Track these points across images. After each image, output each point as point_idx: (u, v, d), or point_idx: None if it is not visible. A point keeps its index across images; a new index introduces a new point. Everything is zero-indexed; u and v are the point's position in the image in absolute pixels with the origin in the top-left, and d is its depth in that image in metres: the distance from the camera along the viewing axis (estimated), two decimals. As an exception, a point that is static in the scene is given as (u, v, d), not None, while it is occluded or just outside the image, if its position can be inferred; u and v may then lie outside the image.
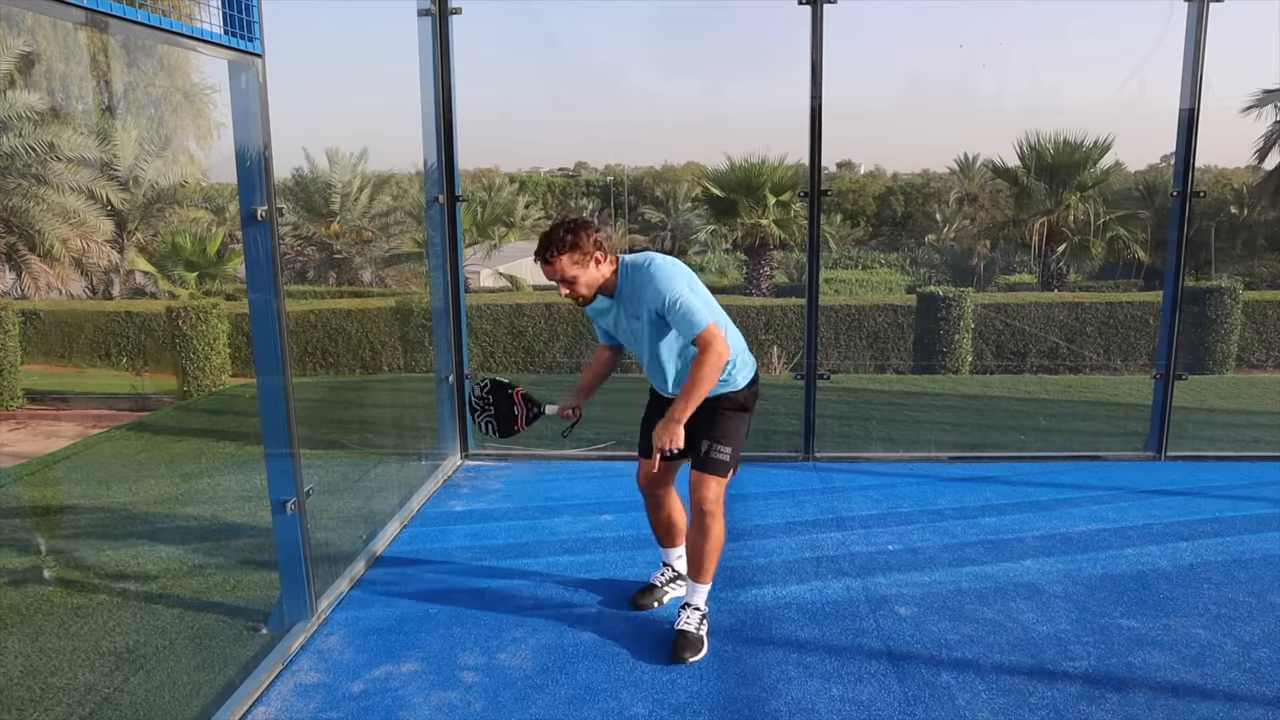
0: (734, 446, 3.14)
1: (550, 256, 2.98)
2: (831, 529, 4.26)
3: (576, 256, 2.99)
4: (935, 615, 3.42)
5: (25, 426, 14.37)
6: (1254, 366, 17.89)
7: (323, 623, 3.41)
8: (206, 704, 2.91)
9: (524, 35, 39.32)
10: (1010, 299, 18.69)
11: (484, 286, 24.13)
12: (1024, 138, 23.47)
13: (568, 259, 2.99)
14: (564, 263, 2.99)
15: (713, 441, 3.12)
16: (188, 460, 6.53)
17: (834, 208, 34.53)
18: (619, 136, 58.60)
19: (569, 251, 2.99)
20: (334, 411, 8.65)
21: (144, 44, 19.72)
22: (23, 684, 3.18)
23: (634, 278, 3.06)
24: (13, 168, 18.55)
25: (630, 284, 3.07)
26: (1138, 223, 23.47)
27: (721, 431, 3.13)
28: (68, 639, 3.51)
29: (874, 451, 5.53)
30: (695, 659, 3.13)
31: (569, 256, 2.99)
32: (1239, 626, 3.32)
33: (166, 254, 21.03)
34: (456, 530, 4.32)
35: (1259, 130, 22.71)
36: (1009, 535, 4.17)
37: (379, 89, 8.26)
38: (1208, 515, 4.39)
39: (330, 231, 24.24)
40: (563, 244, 2.98)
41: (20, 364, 16.16)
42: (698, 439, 3.14)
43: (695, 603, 3.24)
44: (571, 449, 5.54)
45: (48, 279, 18.83)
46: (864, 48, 45.57)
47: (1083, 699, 2.88)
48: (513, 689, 2.97)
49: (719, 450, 3.11)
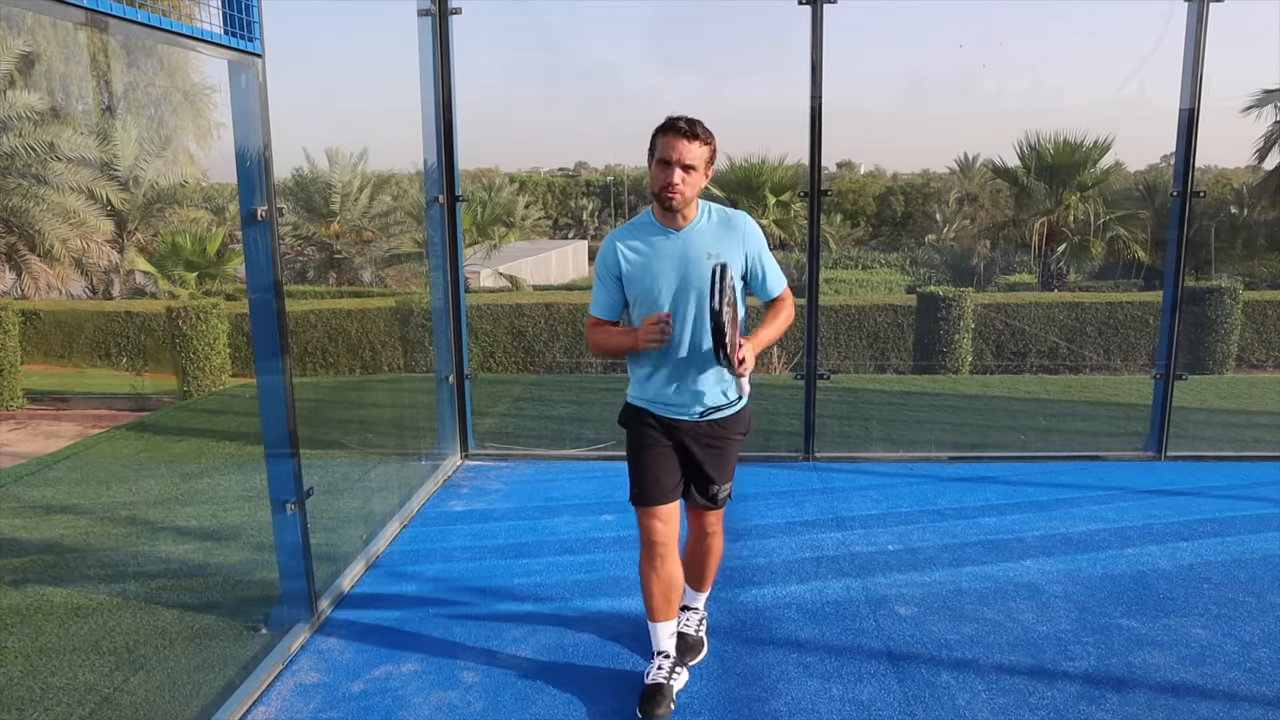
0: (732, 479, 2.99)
1: (698, 131, 2.63)
2: (831, 529, 4.26)
3: (710, 152, 2.68)
4: (935, 615, 3.42)
5: (25, 426, 14.37)
6: (1254, 366, 17.89)
7: (323, 623, 3.41)
8: (206, 704, 2.91)
9: (524, 35, 39.33)
10: (1010, 299, 18.68)
11: (484, 286, 24.12)
12: (1024, 138, 23.50)
13: (706, 150, 2.66)
14: (700, 151, 2.64)
15: (722, 483, 2.92)
16: (188, 460, 6.53)
17: (834, 208, 34.54)
18: (619, 136, 58.55)
19: (710, 144, 2.67)
20: (334, 411, 8.65)
21: (144, 44, 19.72)
22: (23, 684, 3.18)
23: (725, 212, 2.79)
24: (13, 168, 18.55)
25: (723, 217, 2.78)
26: (1138, 223, 23.48)
27: (727, 469, 2.92)
28: (68, 639, 3.51)
29: (874, 451, 5.53)
30: (695, 661, 3.13)
31: (708, 149, 2.67)
32: (1239, 626, 3.32)
33: (166, 254, 21.03)
34: (456, 530, 4.32)
35: (1259, 130, 22.75)
36: (1009, 535, 4.17)
37: (379, 89, 8.25)
38: (1208, 515, 4.38)
39: (330, 231, 24.24)
40: (708, 132, 2.66)
41: (20, 364, 16.16)
42: (704, 477, 2.89)
43: (695, 605, 3.26)
44: (571, 449, 5.54)
45: (48, 279, 18.84)
46: (864, 48, 45.58)
47: (1083, 699, 2.88)
48: (513, 689, 2.97)
49: (726, 490, 2.96)
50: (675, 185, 2.63)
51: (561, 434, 7.15)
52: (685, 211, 2.72)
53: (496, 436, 5.87)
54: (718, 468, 2.88)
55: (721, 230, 2.76)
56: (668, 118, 2.67)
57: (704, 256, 2.70)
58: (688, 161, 2.62)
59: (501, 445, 5.58)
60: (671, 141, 2.62)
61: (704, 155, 2.66)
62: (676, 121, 2.64)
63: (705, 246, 2.72)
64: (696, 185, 2.67)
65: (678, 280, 2.72)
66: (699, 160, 2.64)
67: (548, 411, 8.14)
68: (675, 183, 2.63)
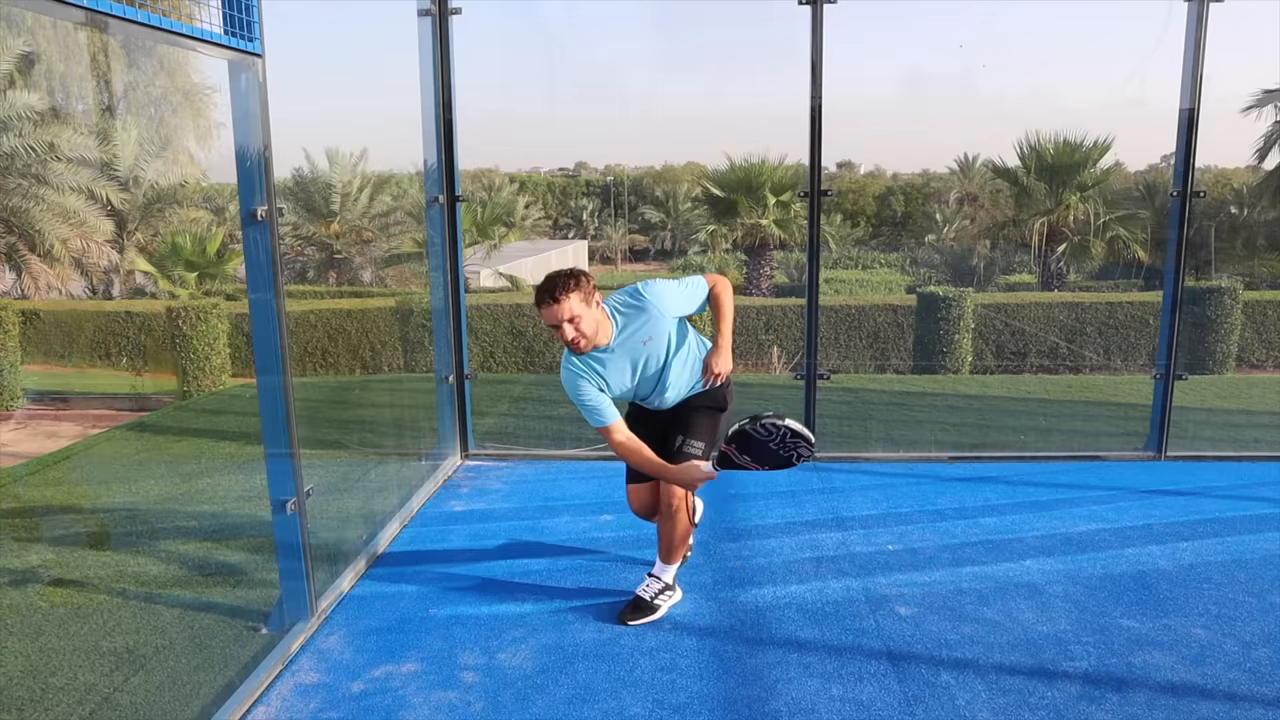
0: (706, 443, 3.26)
1: (559, 294, 2.99)
2: (831, 529, 4.26)
3: (581, 295, 3.03)
4: (935, 615, 3.42)
5: (25, 426, 14.37)
6: (1254, 366, 17.89)
7: (323, 623, 3.41)
8: (206, 704, 2.91)
9: (524, 35, 39.24)
10: (1010, 299, 18.69)
11: (484, 286, 24.12)
12: (1024, 138, 23.47)
13: (576, 296, 3.01)
14: (572, 301, 3.00)
15: (686, 437, 3.25)
16: (188, 460, 6.53)
17: (834, 208, 34.52)
18: (619, 136, 58.57)
19: (576, 290, 3.02)
20: (334, 411, 8.66)
21: (144, 44, 19.72)
22: (23, 684, 3.18)
23: (634, 305, 3.16)
24: (13, 168, 18.55)
25: (633, 313, 3.16)
26: (1138, 223, 23.47)
27: (697, 429, 3.26)
28: (68, 639, 3.51)
29: (874, 451, 5.53)
30: (640, 622, 3.32)
31: (577, 295, 3.02)
32: (1239, 626, 3.32)
33: (166, 254, 21.02)
34: (456, 530, 4.32)
35: (1259, 130, 22.72)
36: (1009, 535, 4.17)
37: (379, 89, 8.25)
38: (1208, 515, 4.38)
39: (330, 231, 24.24)
40: (568, 283, 3.01)
41: (20, 364, 16.15)
42: (672, 434, 3.27)
43: (659, 575, 3.46)
44: (571, 449, 5.54)
45: (48, 279, 18.83)
46: (864, 48, 45.53)
47: (1083, 699, 2.88)
48: (513, 689, 2.97)
49: (691, 445, 3.24)
50: (573, 340, 3.05)
51: (561, 434, 7.15)
52: (600, 335, 3.12)
53: (496, 436, 5.87)
54: (679, 424, 3.29)
55: (639, 323, 3.15)
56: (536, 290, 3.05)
57: (640, 345, 3.16)
58: (570, 316, 3.01)
59: (501, 445, 5.58)
60: (548, 311, 3.02)
61: (577, 300, 3.01)
62: (541, 294, 3.02)
63: (637, 339, 3.16)
64: (591, 320, 3.05)
65: (635, 369, 3.21)
66: (578, 308, 3.01)
67: (548, 411, 8.14)
68: (571, 338, 3.05)
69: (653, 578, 3.48)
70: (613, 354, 3.17)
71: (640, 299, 3.15)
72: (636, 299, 3.15)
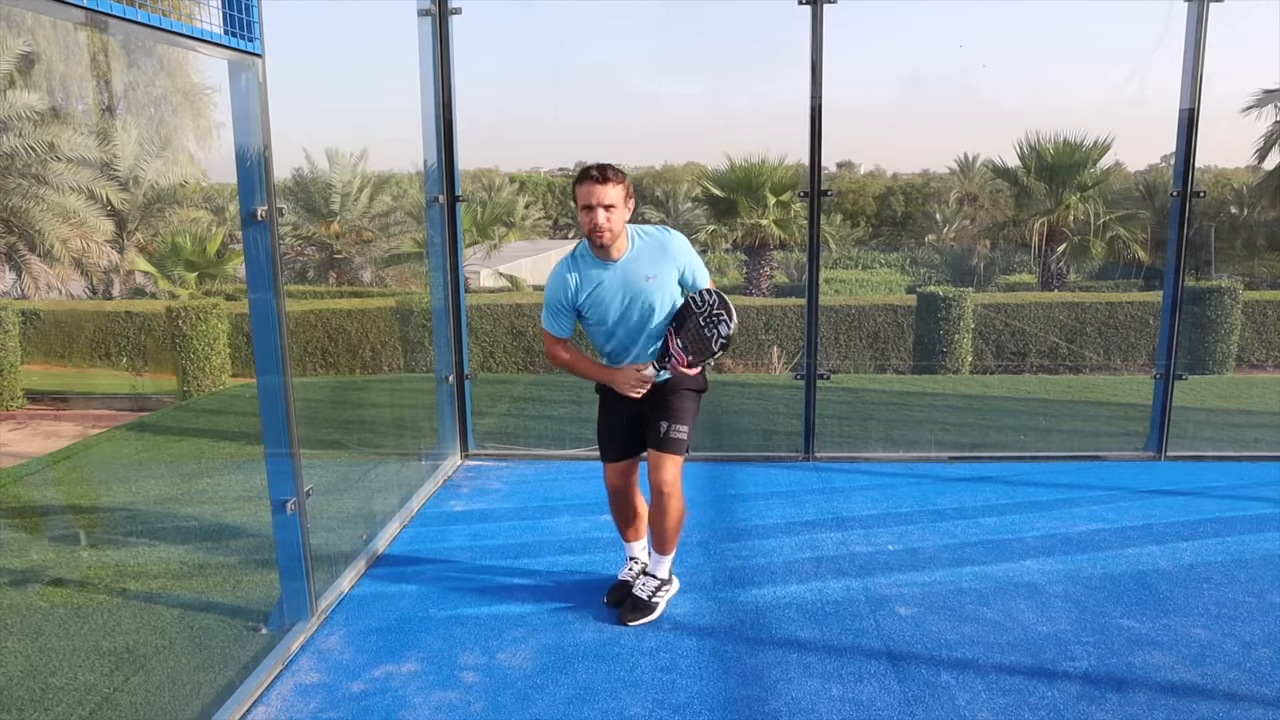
0: (690, 426, 3.30)
1: (609, 175, 3.00)
2: (831, 529, 4.26)
3: (625, 191, 3.05)
4: (935, 615, 3.42)
5: (25, 426, 14.37)
6: (1254, 366, 17.89)
7: (323, 623, 3.41)
8: (206, 704, 2.91)
9: (524, 35, 39.22)
10: (1010, 299, 18.69)
11: (484, 286, 24.11)
12: (1024, 138, 23.46)
13: (620, 189, 3.02)
14: (617, 190, 3.01)
15: (672, 422, 3.26)
16: (188, 460, 6.53)
17: (834, 208, 34.51)
18: (619, 136, 58.49)
19: (622, 183, 3.03)
20: (334, 411, 8.65)
21: (144, 44, 19.73)
22: (23, 684, 3.18)
23: (658, 236, 3.18)
24: (13, 168, 18.56)
25: (654, 242, 3.16)
26: (1138, 223, 23.46)
27: (681, 412, 3.27)
28: (68, 639, 3.51)
29: (874, 451, 5.53)
30: (639, 623, 3.31)
31: (621, 187, 3.03)
32: (1239, 626, 3.32)
33: (166, 254, 21.02)
34: (456, 530, 4.32)
35: (1259, 130, 22.72)
36: (1009, 535, 4.17)
37: (379, 89, 8.26)
38: (1208, 515, 4.38)
39: (330, 231, 24.24)
40: (619, 173, 3.03)
41: (20, 364, 16.16)
42: (657, 420, 3.27)
43: (655, 572, 3.45)
44: (571, 449, 5.54)
45: (48, 279, 18.84)
46: (864, 48, 45.51)
47: (1083, 699, 2.88)
48: (513, 689, 2.97)
49: (678, 430, 3.26)
50: (601, 225, 3.01)
51: (561, 434, 7.15)
52: (617, 244, 3.11)
53: (496, 436, 5.87)
54: (664, 409, 3.27)
55: (654, 253, 3.15)
56: (582, 169, 3.05)
57: (643, 279, 3.14)
58: (607, 202, 3.00)
59: (501, 445, 5.58)
60: (589, 189, 3.01)
61: (620, 193, 3.03)
62: (589, 170, 3.03)
63: (642, 270, 3.14)
64: (620, 219, 3.06)
65: (624, 303, 3.16)
66: (617, 199, 3.02)
67: (548, 411, 8.14)
68: (600, 223, 3.01)
69: (648, 576, 3.49)
70: (613, 272, 3.14)
71: (665, 234, 3.18)
72: (662, 233, 3.17)
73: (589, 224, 3.03)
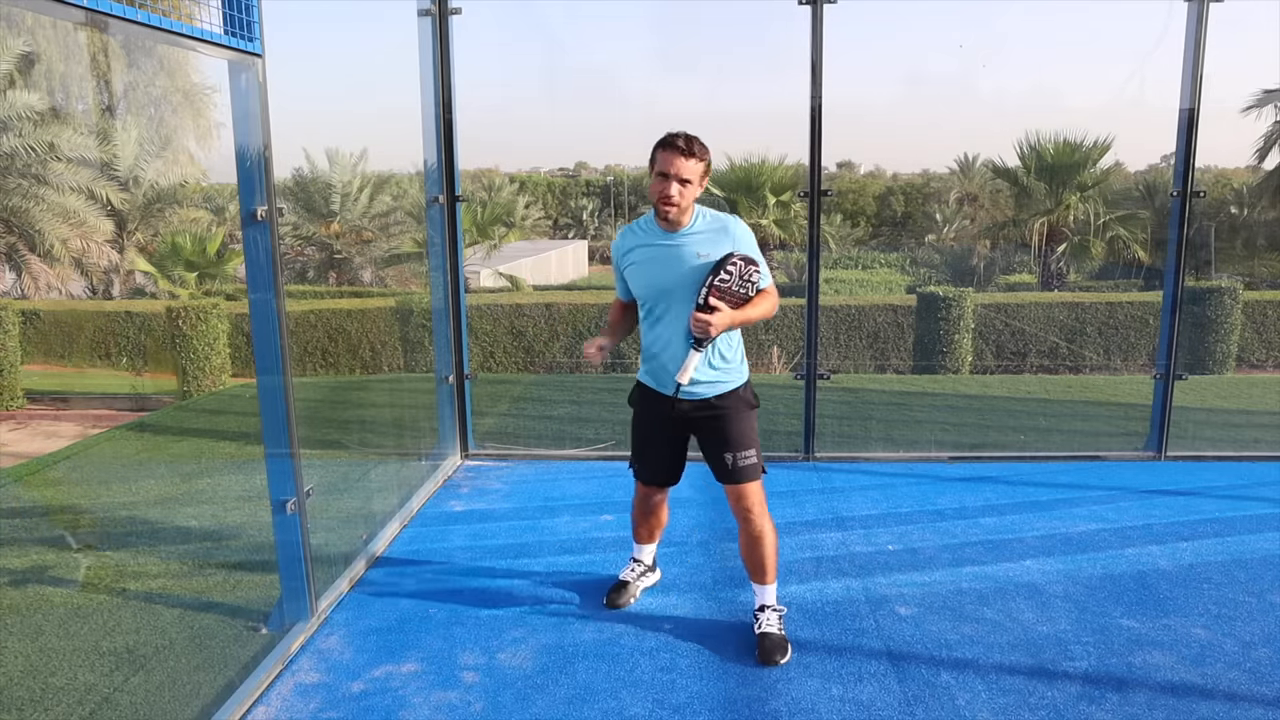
0: (755, 447, 3.12)
1: (696, 149, 2.88)
2: (831, 529, 4.26)
3: (704, 168, 2.93)
4: (935, 615, 3.42)
5: (25, 426, 14.37)
6: (1254, 366, 17.89)
7: (323, 623, 3.41)
8: (206, 704, 2.91)
9: (524, 35, 39.27)
10: (1010, 299, 18.69)
11: (484, 286, 24.12)
12: (1024, 138, 23.49)
13: (700, 166, 2.91)
14: (697, 166, 2.90)
15: (735, 452, 3.08)
16: (188, 460, 6.53)
17: (834, 208, 34.54)
18: (619, 136, 58.51)
19: (704, 160, 2.92)
20: (334, 411, 8.66)
21: (144, 44, 19.72)
22: (23, 684, 3.18)
23: (722, 219, 3.02)
24: (13, 168, 18.56)
25: (717, 224, 3.00)
26: (1138, 223, 23.47)
27: (741, 437, 3.09)
28: (68, 639, 3.51)
29: (874, 451, 5.53)
30: (785, 660, 3.11)
31: (702, 165, 2.92)
32: (1239, 626, 3.32)
33: (166, 254, 21.03)
34: (456, 530, 4.32)
35: (1259, 130, 22.76)
36: (1009, 535, 4.17)
37: (379, 89, 8.28)
38: (1208, 515, 4.39)
39: (330, 231, 24.24)
40: (704, 149, 2.91)
41: (20, 364, 16.16)
42: (717, 452, 3.11)
43: (769, 602, 3.24)
44: (571, 449, 5.54)
45: (48, 279, 18.84)
46: (864, 48, 45.56)
47: (1083, 699, 2.88)
48: (513, 689, 2.97)
49: (745, 457, 3.09)
50: (672, 198, 2.90)
51: (561, 434, 7.15)
52: (681, 218, 2.98)
53: (496, 436, 5.87)
54: (728, 435, 3.09)
55: (714, 234, 3.00)
56: (668, 134, 2.92)
57: (695, 257, 2.97)
58: (684, 176, 2.89)
59: (501, 445, 5.58)
60: (670, 157, 2.89)
61: (699, 170, 2.92)
62: (675, 139, 2.89)
63: (697, 248, 2.98)
64: (691, 196, 2.94)
65: (670, 278, 3.00)
66: (694, 175, 2.90)
67: (548, 411, 8.15)
68: (672, 195, 2.90)
69: (767, 609, 3.23)
70: (667, 243, 2.99)
71: (731, 220, 3.03)
72: (726, 218, 3.03)
73: (659, 192, 2.90)
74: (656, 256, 3.01)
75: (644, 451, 3.30)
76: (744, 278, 2.95)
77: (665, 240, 3.00)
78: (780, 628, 3.21)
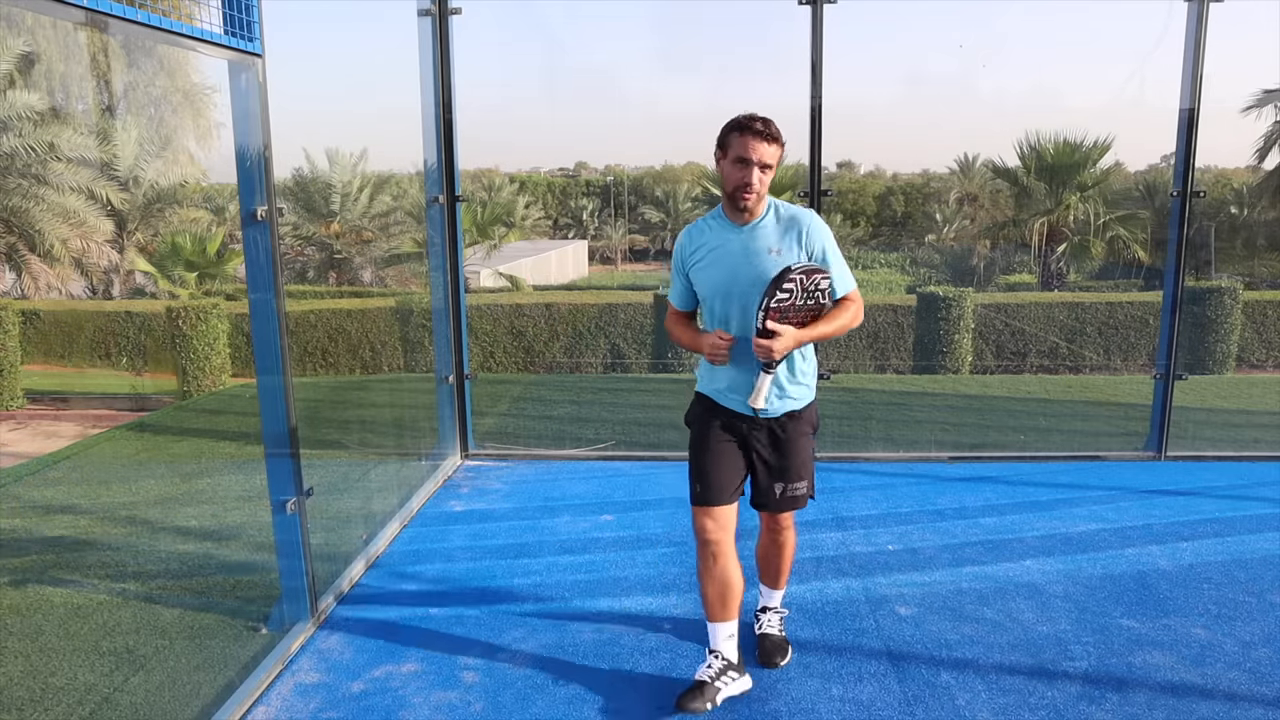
0: (809, 478, 2.91)
1: (776, 131, 2.65)
2: (831, 529, 4.26)
3: (782, 154, 2.71)
4: (935, 615, 3.42)
5: (25, 426, 14.37)
6: (1254, 366, 17.90)
7: (323, 623, 3.41)
8: (206, 704, 2.91)
9: (524, 35, 39.30)
10: (1010, 299, 18.70)
11: (484, 286, 24.13)
12: (1024, 138, 23.51)
13: (779, 151, 2.68)
14: (778, 152, 2.68)
15: (786, 483, 2.87)
16: (188, 460, 6.53)
17: (834, 208, 34.53)
18: (619, 136, 58.56)
19: (783, 147, 2.70)
20: (334, 411, 8.66)
21: (144, 44, 19.72)
22: (23, 684, 3.18)
23: (795, 211, 2.78)
24: (13, 168, 18.56)
25: (789, 215, 2.76)
26: (1138, 223, 23.49)
27: (800, 468, 2.87)
28: (68, 639, 3.51)
29: (874, 451, 5.53)
30: (785, 662, 3.10)
31: (780, 151, 2.69)
32: (1239, 626, 3.32)
33: (166, 254, 21.04)
34: (456, 530, 4.32)
35: (1259, 130, 22.77)
36: (1009, 535, 4.17)
37: (379, 89, 8.29)
38: (1208, 515, 4.38)
39: (330, 231, 24.25)
40: (780, 134, 2.68)
41: (20, 364, 16.16)
42: (770, 480, 2.87)
43: (772, 604, 3.21)
44: (571, 449, 5.54)
45: (48, 279, 18.84)
46: (864, 48, 45.56)
47: (1083, 699, 2.88)
48: (513, 689, 2.97)
49: (794, 489, 2.89)
50: (752, 185, 2.65)
51: (561, 434, 7.16)
52: (757, 207, 2.74)
53: (496, 436, 5.87)
54: (786, 466, 2.86)
55: (786, 226, 2.75)
56: (742, 117, 2.67)
57: (766, 251, 2.71)
58: (766, 161, 2.65)
59: (501, 445, 5.58)
60: (750, 142, 2.63)
61: (778, 155, 2.69)
62: (753, 122, 2.64)
63: (768, 242, 2.73)
64: (767, 184, 2.70)
65: (741, 277, 2.73)
66: (774, 160, 2.67)
67: (548, 411, 8.15)
68: (752, 182, 2.65)
69: (769, 611, 3.18)
70: (739, 236, 2.74)
71: (801, 212, 2.77)
72: (796, 209, 2.79)
73: (738, 180, 2.65)
74: (728, 251, 2.75)
75: (709, 469, 2.83)
76: (809, 290, 2.65)
77: (736, 234, 2.75)
78: (781, 629, 3.21)
